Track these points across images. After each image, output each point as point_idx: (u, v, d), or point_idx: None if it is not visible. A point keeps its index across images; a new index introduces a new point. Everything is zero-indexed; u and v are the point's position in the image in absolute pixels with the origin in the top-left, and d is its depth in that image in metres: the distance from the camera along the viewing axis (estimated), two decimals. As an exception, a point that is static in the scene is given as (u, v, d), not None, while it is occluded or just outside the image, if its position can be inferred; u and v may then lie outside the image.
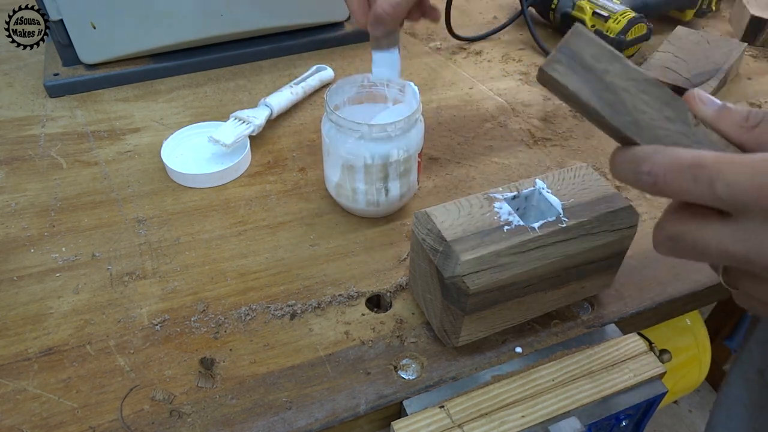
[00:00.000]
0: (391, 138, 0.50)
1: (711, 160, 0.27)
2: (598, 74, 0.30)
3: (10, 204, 0.58)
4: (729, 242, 0.28)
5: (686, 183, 0.28)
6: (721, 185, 0.27)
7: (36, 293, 0.50)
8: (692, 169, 0.27)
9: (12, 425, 0.41)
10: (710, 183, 0.27)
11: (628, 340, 0.47)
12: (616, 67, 0.30)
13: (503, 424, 0.41)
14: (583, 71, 0.30)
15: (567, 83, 0.31)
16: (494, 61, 0.83)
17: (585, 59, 0.30)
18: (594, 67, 0.30)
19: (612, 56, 0.30)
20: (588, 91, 0.31)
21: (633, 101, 0.30)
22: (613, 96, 0.30)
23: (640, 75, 0.30)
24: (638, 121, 0.30)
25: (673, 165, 0.28)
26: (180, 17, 0.73)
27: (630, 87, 0.30)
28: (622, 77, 0.30)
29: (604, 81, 0.30)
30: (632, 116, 0.30)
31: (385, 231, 0.56)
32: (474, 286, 0.39)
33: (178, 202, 0.59)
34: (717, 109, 0.31)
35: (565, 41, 0.31)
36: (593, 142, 0.68)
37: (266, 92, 0.73)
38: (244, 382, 0.44)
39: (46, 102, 0.73)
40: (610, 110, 0.31)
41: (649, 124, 0.30)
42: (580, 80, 0.30)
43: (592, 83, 0.31)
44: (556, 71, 0.31)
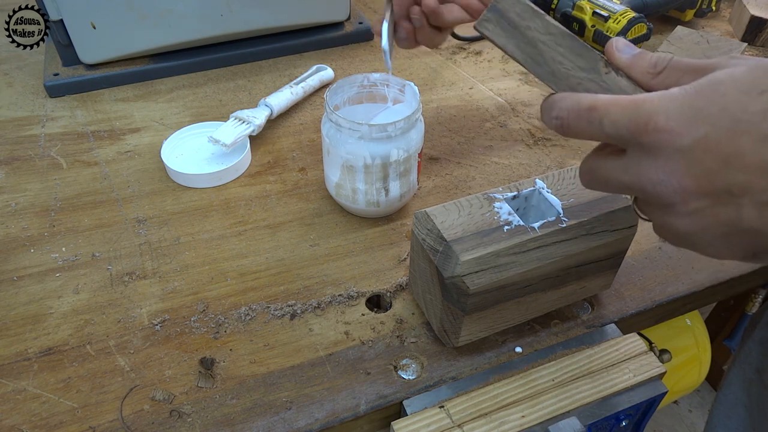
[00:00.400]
0: (391, 138, 0.50)
1: (603, 102, 0.31)
2: (522, 30, 0.34)
3: (10, 204, 0.58)
4: (621, 174, 0.32)
5: (584, 124, 0.31)
6: (608, 123, 0.30)
7: (36, 293, 0.50)
8: (588, 111, 0.31)
9: (12, 425, 0.41)
10: (600, 122, 0.31)
11: (628, 340, 0.47)
12: (537, 23, 0.34)
13: (503, 424, 0.41)
14: (510, 28, 0.34)
15: (495, 39, 0.35)
16: (494, 61, 0.83)
17: (511, 17, 0.34)
18: (518, 24, 0.34)
19: (534, 13, 0.34)
20: (513, 46, 0.35)
21: (551, 53, 0.34)
22: (534, 49, 0.34)
23: (557, 29, 0.34)
24: (555, 72, 0.34)
25: (574, 108, 0.32)
26: (180, 17, 0.73)
27: (548, 41, 0.34)
28: (541, 32, 0.34)
29: (527, 36, 0.34)
30: (550, 67, 0.34)
31: (385, 231, 0.56)
32: (474, 286, 0.39)
33: (178, 202, 0.59)
34: (631, 56, 0.34)
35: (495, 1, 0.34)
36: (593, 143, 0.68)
37: (266, 92, 0.73)
38: (244, 382, 0.44)
39: (46, 102, 0.73)
40: (531, 62, 0.35)
41: (565, 73, 0.34)
42: (507, 36, 0.35)
43: (516, 38, 0.34)
44: (486, 29, 0.35)
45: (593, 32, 0.81)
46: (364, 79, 0.56)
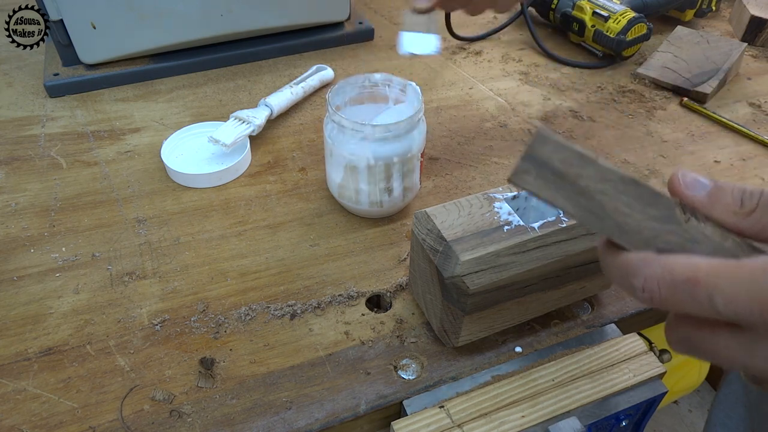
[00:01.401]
0: (394, 138, 0.50)
1: (705, 272, 0.25)
2: (571, 180, 0.28)
3: (10, 204, 0.58)
4: (739, 355, 0.26)
5: (684, 300, 0.26)
6: (720, 302, 0.25)
7: (36, 293, 0.50)
8: (687, 285, 0.26)
9: (12, 425, 0.41)
10: (709, 300, 0.25)
11: (628, 340, 0.47)
12: (589, 171, 0.28)
13: (503, 424, 0.41)
14: (555, 178, 0.28)
15: (539, 193, 0.29)
16: (494, 61, 0.83)
17: (554, 165, 0.28)
18: (565, 173, 0.28)
19: (583, 159, 0.28)
20: (563, 199, 0.29)
21: (613, 204, 0.28)
22: (591, 201, 0.28)
23: (615, 175, 0.28)
24: (622, 225, 0.28)
25: (666, 280, 0.26)
26: (180, 17, 0.73)
27: (607, 189, 0.28)
28: (597, 180, 0.28)
29: (579, 186, 0.28)
30: (615, 220, 0.28)
31: (385, 231, 0.56)
32: (474, 286, 0.39)
33: (178, 202, 0.59)
34: (707, 194, 0.28)
35: (531, 148, 0.28)
36: (593, 143, 0.68)
37: (266, 92, 0.73)
38: (244, 382, 0.44)
39: (46, 102, 0.73)
40: (589, 216, 0.28)
41: (635, 226, 0.28)
42: (553, 188, 0.28)
43: (566, 190, 0.28)
44: (526, 183, 0.29)
45: (593, 32, 0.81)
46: (365, 79, 0.55)
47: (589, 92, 0.77)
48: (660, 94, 0.77)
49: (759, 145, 0.69)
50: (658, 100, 0.76)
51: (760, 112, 0.74)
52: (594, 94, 0.77)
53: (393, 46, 0.86)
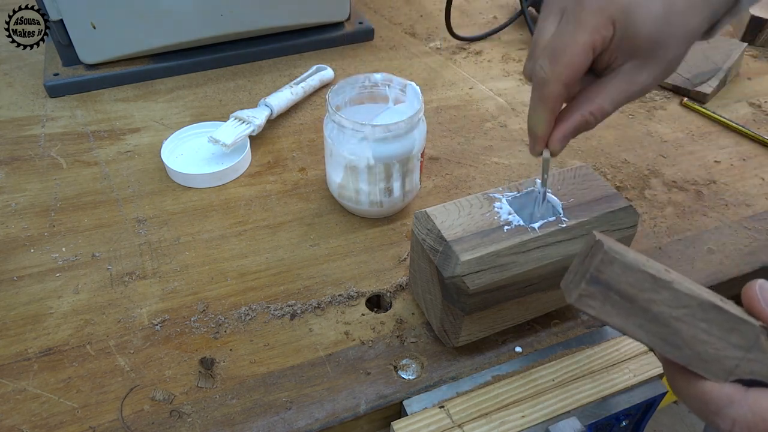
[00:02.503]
0: (394, 138, 0.50)
1: None
2: (642, 305, 0.25)
3: (10, 204, 0.58)
4: None
5: None
6: None
7: (36, 293, 0.50)
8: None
9: (12, 425, 0.41)
10: None
11: (628, 340, 0.47)
12: (663, 295, 0.25)
13: (503, 424, 0.41)
14: (624, 302, 0.25)
15: (605, 319, 0.26)
16: (494, 61, 0.83)
17: (623, 289, 0.25)
18: (635, 297, 0.25)
19: (656, 283, 0.25)
20: (634, 326, 0.26)
21: (690, 331, 0.25)
22: (665, 328, 0.25)
23: (694, 301, 0.25)
24: (701, 353, 0.26)
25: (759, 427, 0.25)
26: (180, 17, 0.73)
27: (684, 316, 0.25)
28: (672, 306, 0.25)
29: (651, 311, 0.25)
30: (692, 349, 0.26)
31: (385, 231, 0.56)
32: (474, 286, 0.39)
33: (178, 202, 0.59)
34: None
35: (596, 270, 0.25)
36: (593, 143, 0.68)
37: (266, 92, 0.73)
38: (244, 382, 0.44)
39: (46, 102, 0.73)
40: (664, 344, 0.26)
41: (715, 354, 0.25)
42: (622, 313, 0.26)
43: (636, 315, 0.26)
44: (590, 307, 0.26)
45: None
46: (365, 79, 0.55)
47: (589, 92, 0.77)
48: (660, 94, 0.77)
49: (759, 145, 0.69)
50: (658, 100, 0.76)
51: (760, 112, 0.74)
52: (594, 94, 0.77)
53: (393, 46, 0.86)
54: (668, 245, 0.55)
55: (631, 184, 0.62)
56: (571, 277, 0.26)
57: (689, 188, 0.62)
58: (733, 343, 0.25)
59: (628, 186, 0.62)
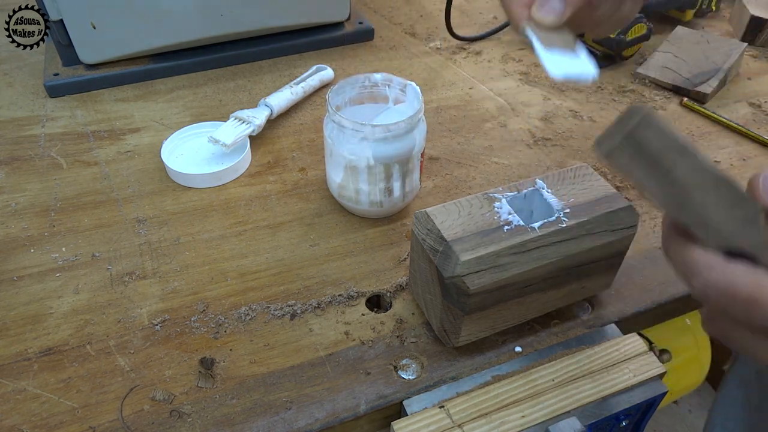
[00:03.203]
0: (394, 138, 0.50)
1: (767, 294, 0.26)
2: (666, 167, 0.28)
3: (10, 204, 0.58)
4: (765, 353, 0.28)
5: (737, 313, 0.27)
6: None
7: (36, 293, 0.50)
8: (746, 303, 0.26)
9: (12, 425, 0.41)
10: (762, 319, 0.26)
11: (628, 340, 0.47)
12: (686, 162, 0.28)
13: (503, 424, 0.41)
14: (649, 162, 0.28)
15: (630, 172, 0.29)
16: (494, 61, 0.83)
17: (652, 150, 0.28)
18: (662, 160, 0.28)
19: (683, 150, 0.28)
20: (653, 184, 0.29)
21: (701, 198, 0.28)
22: (680, 191, 0.28)
23: (710, 173, 0.28)
24: (704, 219, 0.28)
25: (727, 294, 0.27)
26: (180, 17, 0.73)
27: (699, 183, 0.28)
28: (691, 173, 0.28)
29: (672, 175, 0.28)
30: (699, 214, 0.28)
31: (385, 231, 0.56)
32: (474, 286, 0.39)
33: (178, 202, 0.59)
34: None
35: (633, 129, 0.28)
36: (593, 142, 0.68)
37: (266, 92, 0.73)
38: (244, 382, 0.44)
39: (46, 102, 0.73)
40: (673, 204, 0.29)
41: (716, 223, 0.28)
42: (645, 171, 0.28)
43: (657, 175, 0.28)
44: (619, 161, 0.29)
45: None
46: (365, 79, 0.55)
47: (589, 92, 0.77)
48: (660, 94, 0.77)
49: (759, 145, 0.69)
50: (658, 100, 0.76)
51: (760, 112, 0.74)
52: (594, 94, 0.77)
53: (393, 46, 0.86)
54: (668, 245, 0.55)
55: (631, 184, 0.62)
56: (605, 136, 0.29)
57: (689, 188, 0.62)
58: (734, 216, 0.28)
59: (628, 186, 0.62)
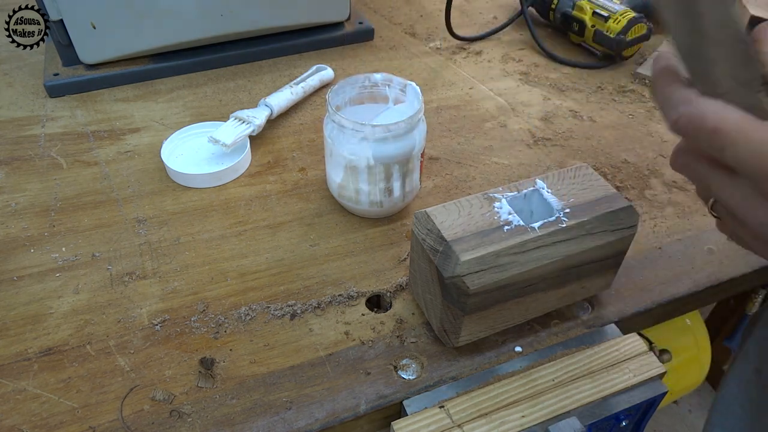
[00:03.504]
0: (394, 138, 0.50)
1: (729, 126, 0.28)
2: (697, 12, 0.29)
3: (10, 204, 0.58)
4: (724, 190, 0.31)
5: (702, 141, 0.30)
6: (730, 155, 0.29)
7: (36, 293, 0.50)
8: (710, 132, 0.29)
9: (12, 425, 0.41)
10: (721, 149, 0.29)
11: (628, 340, 0.47)
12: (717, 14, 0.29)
13: (503, 424, 0.41)
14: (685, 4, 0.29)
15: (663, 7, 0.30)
16: (494, 61, 0.83)
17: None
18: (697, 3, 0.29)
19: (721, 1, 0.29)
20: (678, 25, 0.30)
21: (714, 52, 0.29)
22: (699, 39, 0.29)
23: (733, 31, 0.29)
24: (706, 71, 0.30)
25: (695, 123, 0.29)
26: (180, 17, 0.73)
27: (718, 35, 0.29)
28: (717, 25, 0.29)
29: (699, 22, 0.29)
30: (705, 65, 0.30)
31: (385, 231, 0.56)
32: (474, 286, 0.39)
33: (178, 202, 0.59)
34: None
35: None
36: (593, 142, 0.68)
37: (266, 92, 0.73)
38: (244, 382, 0.44)
39: (46, 102, 0.73)
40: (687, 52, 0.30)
41: (717, 77, 0.30)
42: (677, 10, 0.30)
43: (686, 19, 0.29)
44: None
45: (593, 32, 0.81)
46: (365, 79, 0.55)
47: (589, 92, 0.77)
48: (660, 94, 0.77)
49: (759, 145, 0.69)
50: (658, 100, 0.76)
51: (760, 112, 0.74)
52: (594, 94, 0.77)
53: (393, 46, 0.86)
54: (668, 245, 0.55)
55: (631, 184, 0.62)
56: None
57: (689, 188, 0.62)
58: (735, 75, 0.29)
59: (628, 186, 0.62)
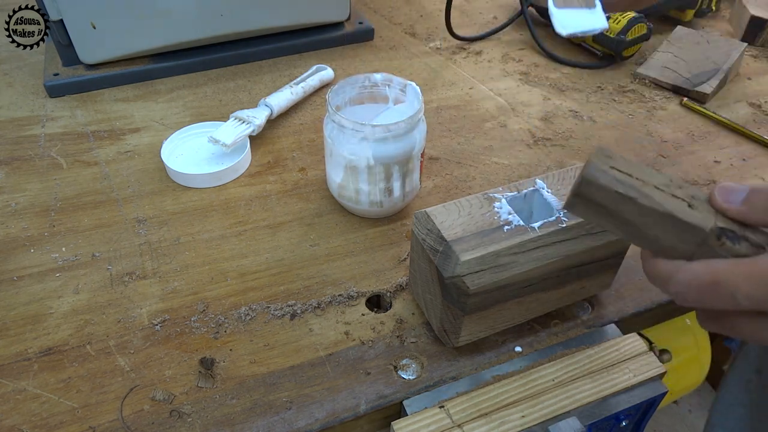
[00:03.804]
0: (394, 138, 0.50)
1: (724, 273, 0.30)
2: (614, 213, 0.33)
3: (10, 204, 0.58)
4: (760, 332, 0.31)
5: (711, 299, 0.30)
6: (742, 298, 0.29)
7: (36, 293, 0.50)
8: (711, 286, 0.30)
9: (12, 425, 0.41)
10: (732, 297, 0.29)
11: (628, 340, 0.47)
12: (630, 207, 0.32)
13: (503, 424, 0.41)
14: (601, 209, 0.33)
15: (588, 218, 0.35)
16: (494, 61, 0.83)
17: (599, 202, 0.33)
18: (609, 208, 0.33)
19: (622, 199, 0.32)
20: (611, 226, 0.34)
21: (653, 232, 0.32)
22: (633, 228, 0.33)
23: (655, 212, 0.32)
24: (663, 246, 0.33)
25: (694, 285, 0.31)
26: (180, 17, 0.73)
27: (647, 222, 0.32)
28: (637, 215, 0.32)
29: (622, 217, 0.33)
30: (656, 244, 0.33)
31: (385, 231, 0.56)
32: (474, 286, 0.39)
33: (178, 202, 0.59)
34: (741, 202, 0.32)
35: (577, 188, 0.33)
36: (593, 142, 0.68)
37: (266, 92, 0.73)
38: (244, 382, 0.44)
39: (46, 102, 0.73)
40: (635, 239, 0.34)
41: (672, 247, 0.32)
42: (600, 216, 0.33)
43: (611, 219, 0.33)
44: (575, 211, 0.34)
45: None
46: (365, 79, 0.55)
47: (589, 92, 0.77)
48: (660, 94, 0.77)
49: (759, 145, 0.69)
50: (658, 100, 0.76)
51: (760, 112, 0.74)
52: (594, 94, 0.77)
53: (393, 46, 0.86)
54: (668, 245, 0.55)
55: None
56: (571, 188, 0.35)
57: (689, 188, 0.62)
58: (687, 241, 0.32)
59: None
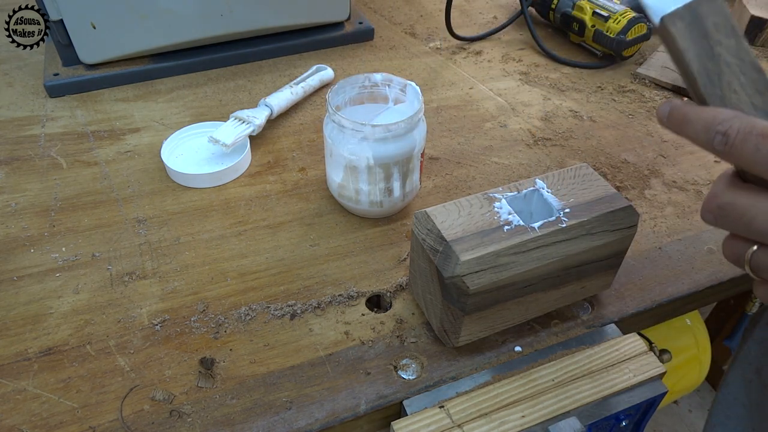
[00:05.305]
0: (394, 138, 0.50)
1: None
2: (712, 43, 0.31)
3: (10, 204, 0.58)
4: None
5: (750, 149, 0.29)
6: None
7: (36, 293, 0.50)
8: (760, 138, 0.28)
9: (12, 425, 0.41)
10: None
11: (628, 340, 0.47)
12: (731, 42, 0.31)
13: (503, 424, 0.41)
14: (699, 35, 0.31)
15: (678, 40, 0.32)
16: (494, 61, 0.83)
17: (706, 24, 0.31)
18: (711, 35, 0.31)
19: (732, 31, 0.31)
20: (694, 54, 0.31)
21: (730, 78, 0.31)
22: (715, 67, 0.31)
23: (748, 57, 0.31)
24: (725, 98, 0.31)
25: (745, 130, 0.29)
26: (180, 17, 0.73)
27: (734, 64, 0.31)
28: (732, 53, 0.31)
29: (714, 51, 0.31)
30: (722, 91, 0.31)
31: (385, 231, 0.56)
32: (474, 286, 0.39)
33: (178, 202, 0.59)
34: None
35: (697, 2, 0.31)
36: (593, 142, 0.68)
37: (266, 92, 0.73)
38: (244, 382, 0.44)
39: (46, 102, 0.73)
40: (704, 78, 0.31)
41: (735, 104, 0.31)
42: (692, 42, 0.31)
43: (701, 49, 0.31)
44: (675, 25, 0.32)
45: (593, 32, 0.81)
46: (365, 79, 0.55)
47: (589, 92, 0.77)
48: (660, 94, 0.77)
49: (759, 145, 0.69)
50: (658, 100, 0.76)
51: (760, 112, 0.74)
52: (594, 94, 0.77)
53: (393, 46, 0.86)
54: (668, 245, 0.55)
55: (631, 184, 0.62)
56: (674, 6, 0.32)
57: (689, 188, 0.62)
58: (754, 103, 0.31)
59: (628, 186, 0.62)
